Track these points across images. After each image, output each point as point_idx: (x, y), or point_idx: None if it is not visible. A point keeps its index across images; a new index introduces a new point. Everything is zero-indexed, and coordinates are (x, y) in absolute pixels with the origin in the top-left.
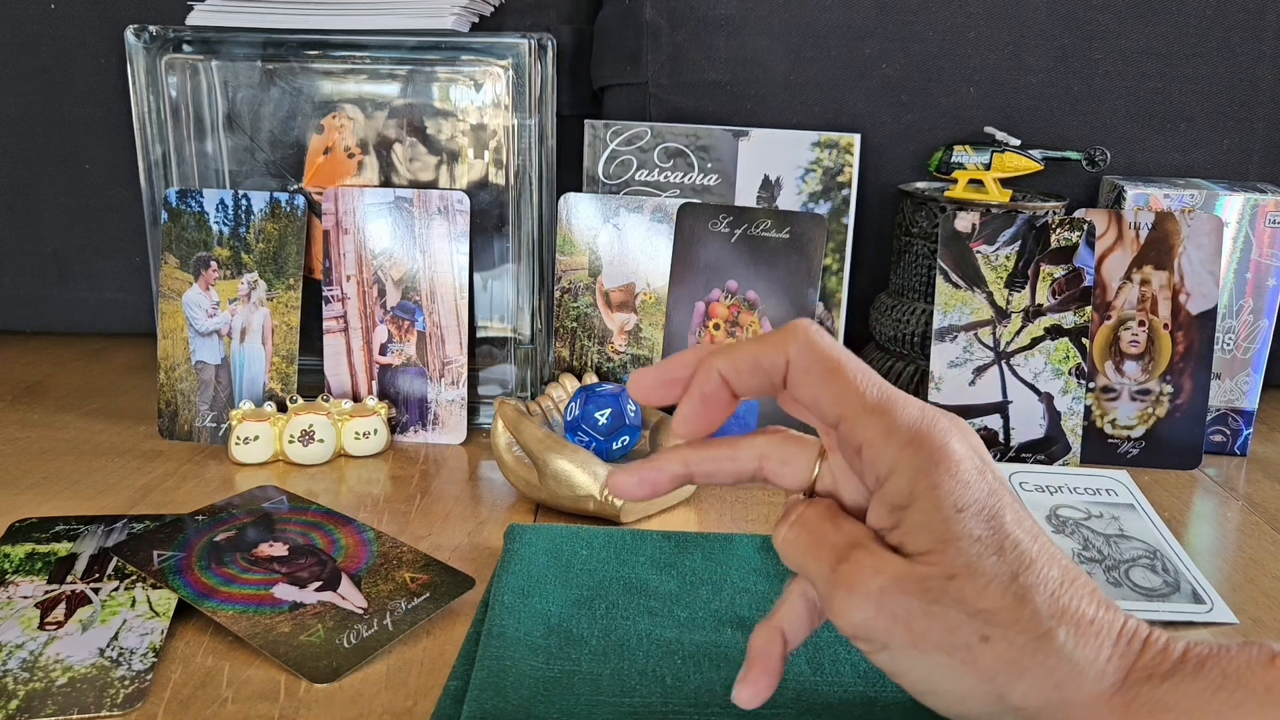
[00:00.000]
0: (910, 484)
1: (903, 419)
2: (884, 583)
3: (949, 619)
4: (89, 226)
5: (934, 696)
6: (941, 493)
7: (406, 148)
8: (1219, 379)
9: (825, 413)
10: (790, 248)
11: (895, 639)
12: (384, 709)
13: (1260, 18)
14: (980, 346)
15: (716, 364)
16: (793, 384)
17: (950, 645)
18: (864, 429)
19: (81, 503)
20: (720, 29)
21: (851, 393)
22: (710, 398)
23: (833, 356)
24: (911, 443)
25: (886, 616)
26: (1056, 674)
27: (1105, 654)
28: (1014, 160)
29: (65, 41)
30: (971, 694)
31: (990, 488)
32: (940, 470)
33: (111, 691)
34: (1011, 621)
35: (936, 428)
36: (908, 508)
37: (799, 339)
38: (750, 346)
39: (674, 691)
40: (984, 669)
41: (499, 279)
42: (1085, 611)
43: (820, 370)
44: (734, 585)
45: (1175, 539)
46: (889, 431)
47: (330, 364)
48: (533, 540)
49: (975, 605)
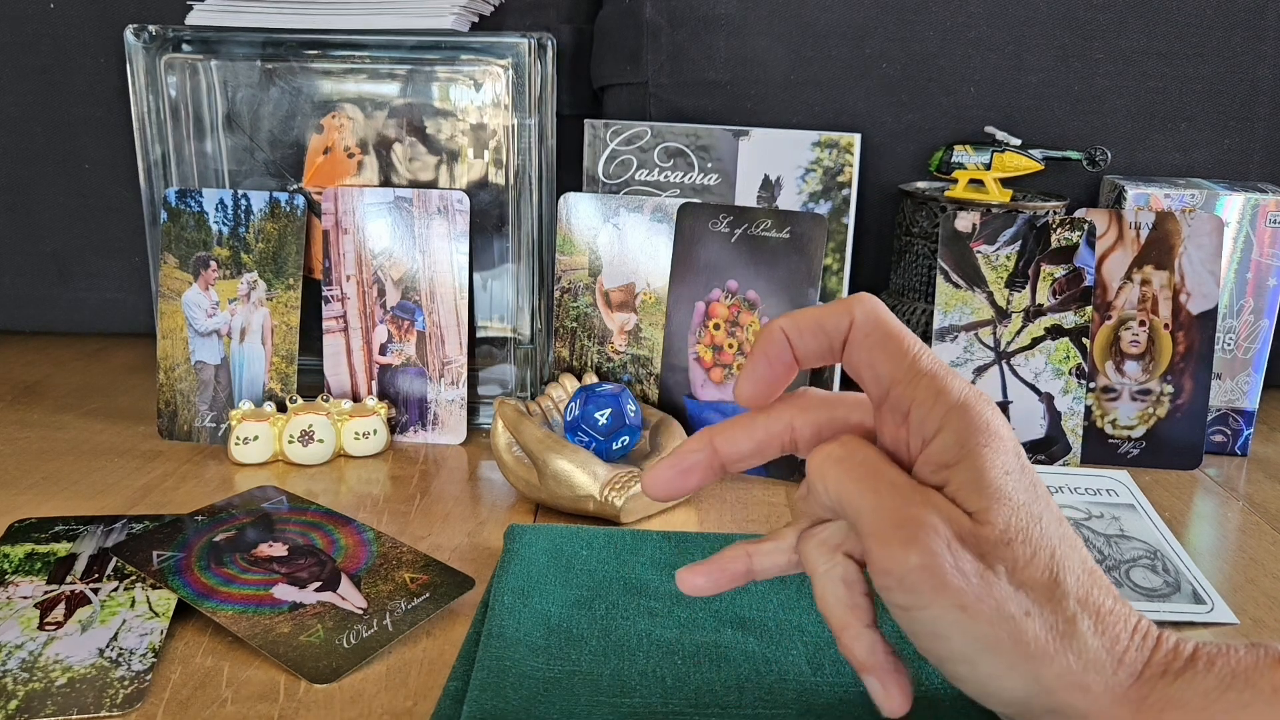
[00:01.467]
0: (959, 441)
1: (953, 385)
2: (951, 534)
3: (1001, 588)
4: (89, 226)
5: (968, 668)
6: (990, 452)
7: (406, 147)
8: (1219, 379)
9: (880, 375)
10: (790, 248)
11: (947, 597)
12: (384, 709)
13: (1260, 18)
14: (981, 346)
15: (782, 324)
16: (852, 347)
17: (999, 615)
18: (915, 391)
19: (81, 503)
20: (720, 29)
21: (908, 358)
22: (775, 359)
23: (894, 323)
24: (960, 406)
25: (946, 568)
26: (1081, 661)
27: (1121, 647)
28: (1014, 160)
29: (65, 41)
30: (1009, 671)
31: (1024, 464)
32: (987, 433)
33: (111, 692)
34: (1047, 599)
35: (982, 400)
36: (955, 465)
37: (864, 305)
38: (813, 311)
39: (674, 691)
40: (1024, 645)
41: (499, 279)
42: (1104, 603)
43: (880, 335)
44: None
45: (1176, 539)
46: (939, 394)
47: (330, 364)
48: (533, 540)
49: (1021, 575)
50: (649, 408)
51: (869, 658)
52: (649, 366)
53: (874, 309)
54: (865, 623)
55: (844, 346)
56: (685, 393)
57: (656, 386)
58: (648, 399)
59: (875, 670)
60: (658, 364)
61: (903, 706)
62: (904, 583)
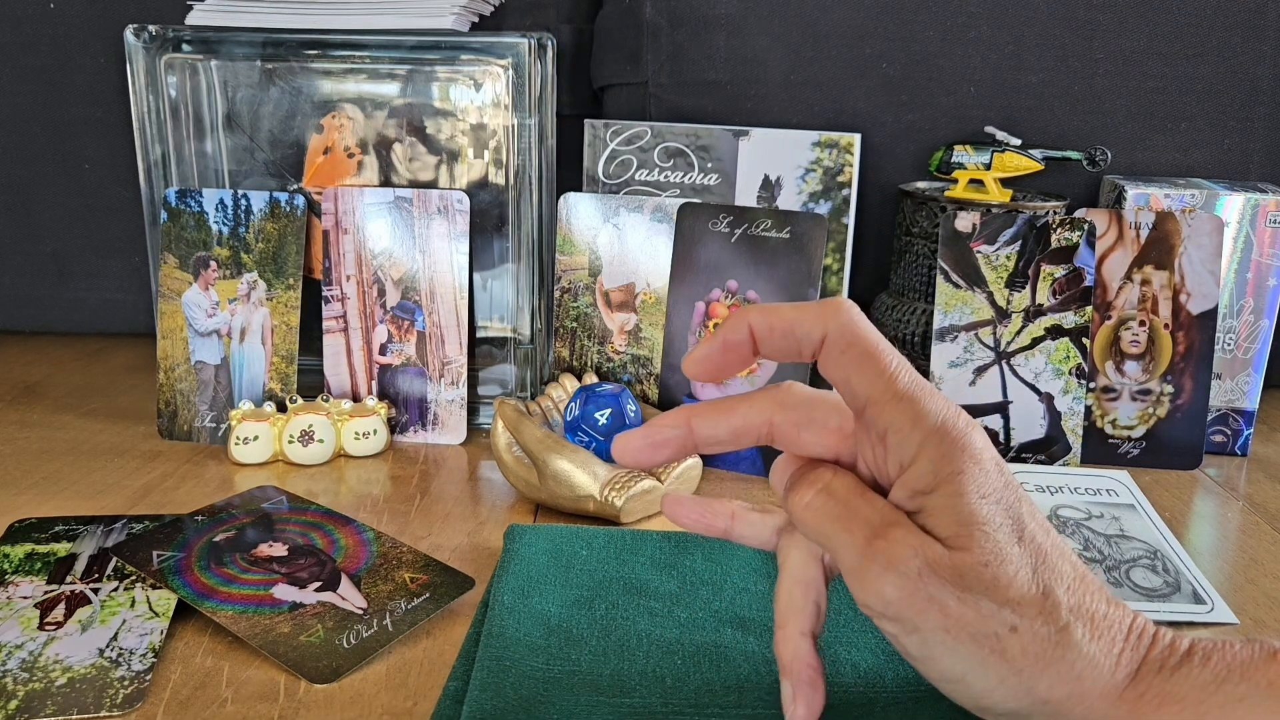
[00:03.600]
0: (935, 469)
1: (930, 408)
2: (921, 563)
3: (981, 607)
4: (89, 226)
5: (962, 686)
6: (966, 478)
7: (406, 147)
8: (1219, 379)
9: (855, 394)
10: (790, 248)
11: (929, 621)
12: (384, 709)
13: (1260, 18)
14: (981, 346)
15: (750, 317)
16: (826, 360)
17: (981, 633)
18: (892, 414)
19: (81, 503)
20: (720, 29)
21: (884, 378)
22: (731, 346)
23: (870, 339)
24: (937, 432)
25: (922, 598)
26: (1076, 668)
27: (1117, 649)
28: (1014, 160)
29: (65, 41)
30: (1000, 685)
31: (1007, 481)
32: (965, 457)
33: (111, 692)
34: (1036, 613)
35: (961, 419)
36: (931, 493)
37: (840, 317)
38: (788, 311)
39: (674, 691)
40: (1012, 660)
41: (499, 279)
42: (1097, 608)
43: (856, 352)
44: (734, 585)
45: (1176, 539)
46: (916, 419)
47: (330, 364)
48: (533, 540)
49: (1005, 594)
50: (649, 408)
51: (792, 662)
52: (649, 366)
53: (850, 322)
54: (802, 630)
55: (816, 352)
56: (685, 393)
57: (656, 386)
58: (648, 399)
59: (793, 676)
60: (658, 364)
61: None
62: (887, 612)
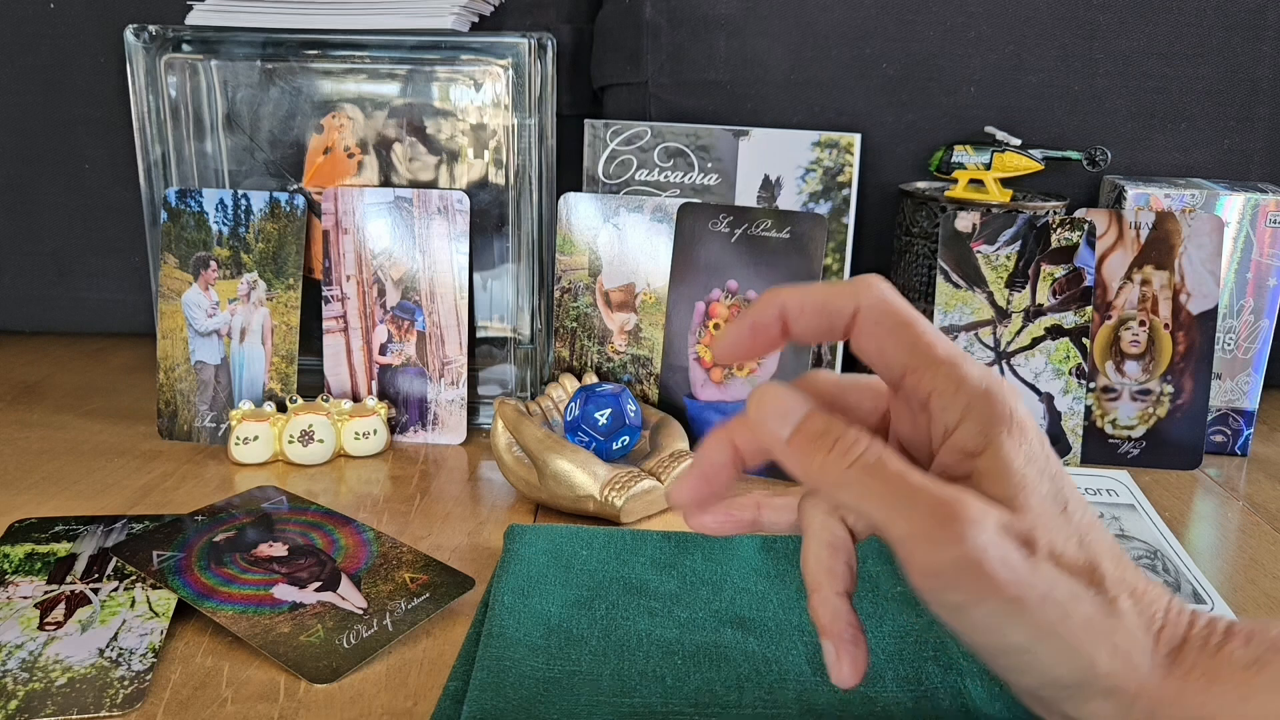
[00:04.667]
0: (983, 430)
1: (973, 371)
2: (995, 525)
3: (1048, 573)
4: (89, 226)
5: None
6: (1015, 442)
7: (406, 147)
8: (1220, 379)
9: (892, 364)
10: (790, 248)
11: (996, 590)
12: (384, 709)
13: (1260, 18)
14: (981, 346)
15: (783, 297)
16: (860, 334)
17: (1050, 602)
18: (934, 379)
19: (81, 503)
20: (720, 29)
21: (923, 344)
22: (760, 328)
23: (905, 310)
24: (983, 394)
25: (995, 562)
26: (1127, 641)
27: (1157, 625)
28: (1014, 160)
29: (65, 41)
30: (1065, 657)
31: (1048, 452)
32: (1011, 421)
33: (111, 692)
34: (1088, 582)
35: (1004, 387)
36: (980, 454)
37: (873, 291)
38: (820, 290)
39: (674, 691)
40: (1077, 630)
41: (499, 279)
42: (1138, 583)
43: (892, 322)
44: (734, 585)
45: (1176, 539)
46: (960, 381)
47: (330, 364)
48: (533, 540)
49: (1062, 561)
50: (649, 408)
51: (832, 623)
52: (649, 366)
53: (882, 294)
54: (838, 590)
55: (849, 329)
56: (685, 393)
57: (656, 386)
58: (648, 399)
59: (834, 636)
60: (658, 364)
61: (851, 679)
62: (953, 580)
